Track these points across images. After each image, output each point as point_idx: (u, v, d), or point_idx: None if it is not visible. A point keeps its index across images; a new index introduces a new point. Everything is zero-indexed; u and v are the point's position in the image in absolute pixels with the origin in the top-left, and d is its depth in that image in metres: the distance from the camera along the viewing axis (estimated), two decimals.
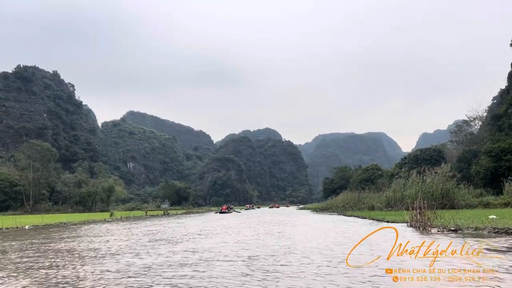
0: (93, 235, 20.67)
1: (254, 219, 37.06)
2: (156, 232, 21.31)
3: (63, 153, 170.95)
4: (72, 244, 15.57)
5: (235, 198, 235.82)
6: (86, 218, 44.62)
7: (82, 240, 17.61)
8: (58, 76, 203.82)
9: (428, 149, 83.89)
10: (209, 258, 10.52)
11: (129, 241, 16.32)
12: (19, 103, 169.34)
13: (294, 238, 16.02)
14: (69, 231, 24.99)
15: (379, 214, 27.79)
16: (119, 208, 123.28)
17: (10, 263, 10.66)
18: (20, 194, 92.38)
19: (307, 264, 9.03)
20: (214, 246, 13.65)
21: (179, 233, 20.15)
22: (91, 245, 15.17)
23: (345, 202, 62.94)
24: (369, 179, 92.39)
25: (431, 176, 33.45)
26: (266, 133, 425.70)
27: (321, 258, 9.96)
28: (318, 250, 11.66)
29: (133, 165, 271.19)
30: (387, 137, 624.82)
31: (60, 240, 17.93)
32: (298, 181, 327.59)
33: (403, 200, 32.84)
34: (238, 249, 12.59)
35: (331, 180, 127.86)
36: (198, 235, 18.54)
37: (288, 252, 11.38)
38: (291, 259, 10.04)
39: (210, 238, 17.05)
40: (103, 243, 15.70)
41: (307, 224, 25.99)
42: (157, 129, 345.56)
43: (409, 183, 34.84)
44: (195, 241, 15.72)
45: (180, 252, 12.03)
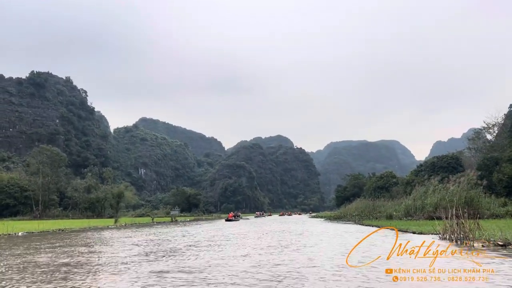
0: (82, 244, 18.76)
1: (263, 227, 35.14)
2: (153, 243, 19.27)
3: (75, 158, 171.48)
4: (46, 256, 13.58)
5: (246, 205, 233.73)
6: (88, 224, 42.64)
7: (64, 251, 15.61)
8: (70, 82, 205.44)
9: (445, 156, 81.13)
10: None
11: (117, 254, 14.16)
12: (32, 108, 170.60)
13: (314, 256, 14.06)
14: (61, 239, 23.26)
15: (400, 223, 25.68)
16: (129, 214, 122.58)
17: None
18: (29, 199, 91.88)
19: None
20: (206, 265, 10.96)
21: (177, 244, 18.15)
22: (66, 259, 12.96)
23: (359, 210, 60.68)
24: (384, 187, 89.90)
25: (455, 183, 31.22)
26: (277, 140, 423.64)
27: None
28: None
29: (144, 171, 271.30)
30: (400, 145, 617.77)
31: (39, 250, 15.97)
32: (310, 189, 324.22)
33: (423, 209, 30.67)
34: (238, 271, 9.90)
35: (344, 187, 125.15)
36: (195, 247, 16.58)
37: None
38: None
39: (209, 250, 15.20)
40: (85, 255, 13.76)
41: (324, 234, 23.81)
42: (169, 135, 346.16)
43: (430, 191, 32.63)
44: (189, 255, 13.70)
45: (169, 274, 9.54)
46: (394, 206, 54.66)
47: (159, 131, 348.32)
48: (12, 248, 17.47)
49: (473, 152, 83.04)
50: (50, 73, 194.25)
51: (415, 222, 26.72)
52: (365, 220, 36.00)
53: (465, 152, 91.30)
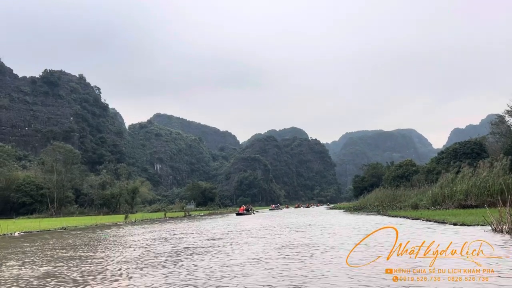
0: (70, 247, 16.42)
1: (277, 220, 33.12)
2: (155, 242, 17.06)
3: (90, 155, 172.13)
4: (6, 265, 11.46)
5: (262, 198, 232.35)
6: (95, 221, 40.61)
7: (38, 256, 13.22)
8: (84, 79, 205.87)
9: (468, 142, 78.00)
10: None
11: (101, 260, 11.78)
12: (46, 107, 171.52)
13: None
14: (57, 238, 21.50)
15: (430, 213, 23.41)
16: (145, 209, 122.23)
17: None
18: (45, 197, 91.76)
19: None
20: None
21: (182, 244, 16.01)
22: (27, 270, 10.47)
23: (379, 200, 58.51)
24: (403, 175, 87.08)
25: (485, 169, 28.79)
26: (292, 132, 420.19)
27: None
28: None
29: (160, 166, 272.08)
30: (417, 133, 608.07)
31: (11, 256, 13.74)
32: (326, 180, 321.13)
33: (453, 197, 28.32)
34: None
35: (361, 178, 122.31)
36: (197, 254, 14.16)
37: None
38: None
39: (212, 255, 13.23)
40: (58, 263, 11.47)
41: (355, 230, 20.81)
42: (184, 130, 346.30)
43: (458, 178, 30.22)
44: (186, 261, 11.20)
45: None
46: (417, 195, 52.27)
47: (174, 126, 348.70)
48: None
49: (497, 137, 79.41)
50: (63, 71, 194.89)
51: (446, 211, 24.45)
52: (389, 211, 33.60)
53: (488, 137, 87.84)
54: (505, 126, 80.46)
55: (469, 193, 27.54)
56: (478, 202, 26.57)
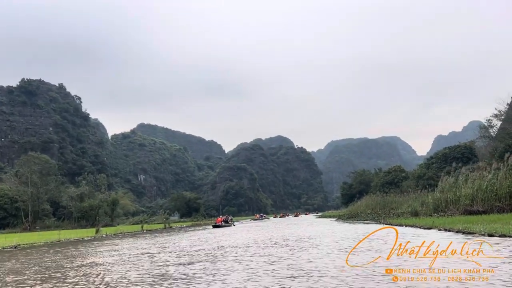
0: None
1: (262, 233, 29.92)
2: (88, 275, 12.36)
3: (70, 166, 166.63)
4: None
5: (249, 208, 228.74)
6: (58, 237, 35.86)
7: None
8: (64, 89, 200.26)
9: (458, 146, 76.77)
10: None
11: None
12: (24, 117, 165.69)
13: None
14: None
15: (443, 221, 20.46)
16: (127, 221, 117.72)
17: None
18: (20, 210, 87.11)
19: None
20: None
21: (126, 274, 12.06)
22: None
23: (369, 207, 56.16)
24: (393, 182, 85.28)
25: (491, 172, 26.37)
26: (278, 140, 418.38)
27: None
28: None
29: (144, 177, 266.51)
30: (401, 141, 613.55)
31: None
32: (313, 189, 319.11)
33: (458, 202, 25.74)
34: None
35: (349, 185, 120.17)
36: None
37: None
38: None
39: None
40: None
41: (377, 253, 18.39)
42: (168, 140, 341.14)
43: (461, 182, 27.72)
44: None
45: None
46: (409, 201, 50.07)
47: (158, 136, 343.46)
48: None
49: (487, 140, 78.26)
50: (42, 80, 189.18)
51: (455, 218, 21.76)
52: (389, 219, 30.67)
53: (476, 142, 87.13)
54: (493, 130, 79.67)
55: (475, 197, 25.02)
56: (485, 207, 24.05)
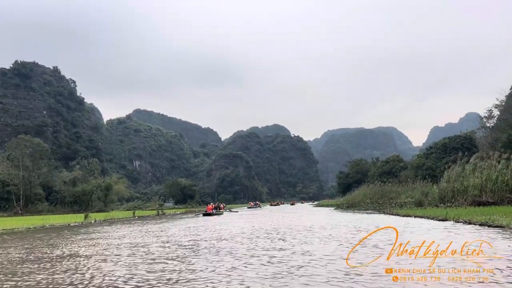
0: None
1: (258, 223, 28.53)
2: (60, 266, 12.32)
3: (64, 151, 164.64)
4: None
5: (244, 196, 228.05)
6: (46, 222, 34.24)
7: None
8: (58, 72, 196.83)
9: (457, 136, 75.63)
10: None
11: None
12: (17, 100, 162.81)
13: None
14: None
15: (458, 212, 19.08)
16: (121, 207, 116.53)
17: None
18: (11, 194, 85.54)
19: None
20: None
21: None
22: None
23: (368, 197, 55.12)
24: (391, 171, 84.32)
25: (501, 161, 25.07)
26: (274, 129, 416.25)
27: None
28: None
29: (139, 163, 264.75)
30: (398, 131, 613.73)
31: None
32: (309, 177, 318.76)
33: (466, 193, 24.48)
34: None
35: (346, 174, 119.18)
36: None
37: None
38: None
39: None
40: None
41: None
42: (164, 126, 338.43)
43: (468, 171, 26.42)
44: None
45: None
46: (407, 192, 49.11)
47: (154, 122, 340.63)
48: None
49: (487, 131, 77.19)
50: (36, 63, 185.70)
51: (464, 210, 20.48)
52: (394, 209, 29.25)
53: (476, 132, 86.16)
54: (494, 120, 78.59)
55: (484, 188, 23.74)
56: (495, 198, 22.78)
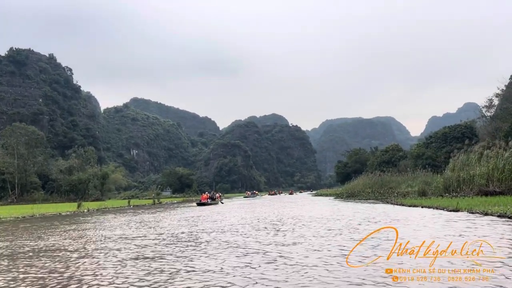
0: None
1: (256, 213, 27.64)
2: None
3: (61, 139, 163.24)
4: None
5: (242, 185, 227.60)
6: (36, 210, 33.48)
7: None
8: (54, 59, 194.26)
9: (458, 125, 74.77)
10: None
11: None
12: (12, 87, 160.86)
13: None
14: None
15: (469, 202, 18.11)
16: (119, 196, 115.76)
17: None
18: (6, 182, 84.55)
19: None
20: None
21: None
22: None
23: (368, 186, 54.52)
24: (390, 161, 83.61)
25: (508, 149, 24.15)
26: (272, 118, 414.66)
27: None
28: None
29: (136, 152, 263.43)
30: (396, 121, 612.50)
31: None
32: (307, 167, 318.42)
33: (471, 182, 23.61)
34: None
35: (344, 163, 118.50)
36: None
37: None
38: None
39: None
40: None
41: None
42: (162, 115, 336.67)
43: (473, 160, 25.54)
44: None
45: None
46: (407, 181, 48.50)
47: (151, 111, 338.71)
48: None
49: (488, 120, 76.30)
50: (32, 50, 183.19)
51: (472, 200, 19.62)
52: (397, 199, 28.34)
53: (476, 121, 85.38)
54: (495, 109, 77.62)
55: (490, 177, 22.86)
56: (502, 188, 21.91)
